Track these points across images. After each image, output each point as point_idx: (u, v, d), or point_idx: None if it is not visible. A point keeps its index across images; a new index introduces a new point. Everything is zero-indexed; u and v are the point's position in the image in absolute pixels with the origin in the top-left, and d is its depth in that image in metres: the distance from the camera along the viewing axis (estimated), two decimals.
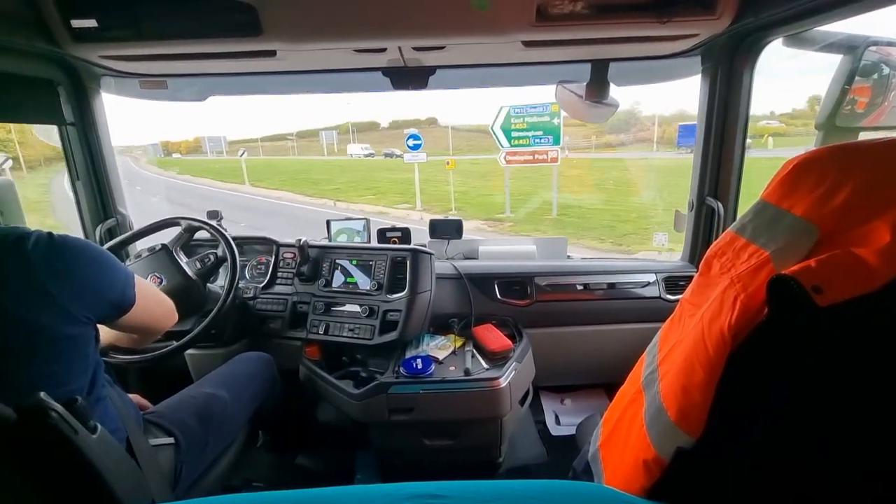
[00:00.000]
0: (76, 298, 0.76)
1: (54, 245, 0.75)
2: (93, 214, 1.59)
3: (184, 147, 51.43)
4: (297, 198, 16.12)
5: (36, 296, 0.72)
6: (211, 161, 35.14)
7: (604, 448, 0.73)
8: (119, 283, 0.86)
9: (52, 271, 0.73)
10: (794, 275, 0.42)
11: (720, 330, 0.49)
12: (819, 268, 0.42)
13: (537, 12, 1.09)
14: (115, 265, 0.86)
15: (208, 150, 38.40)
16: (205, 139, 41.21)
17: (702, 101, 1.48)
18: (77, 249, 0.78)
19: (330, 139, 40.73)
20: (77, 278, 0.77)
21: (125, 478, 0.76)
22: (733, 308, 0.48)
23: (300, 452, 1.58)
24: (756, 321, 0.47)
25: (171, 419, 1.04)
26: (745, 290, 0.48)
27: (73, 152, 1.50)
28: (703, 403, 0.50)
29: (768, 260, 0.49)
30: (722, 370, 0.48)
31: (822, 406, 0.44)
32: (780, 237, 0.49)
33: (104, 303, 0.83)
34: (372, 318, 1.41)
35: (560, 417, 1.79)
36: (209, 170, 26.65)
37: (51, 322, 0.74)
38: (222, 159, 34.08)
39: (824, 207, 0.47)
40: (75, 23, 1.09)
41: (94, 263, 0.81)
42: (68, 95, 1.41)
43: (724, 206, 1.47)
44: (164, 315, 1.06)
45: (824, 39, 1.21)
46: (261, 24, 1.08)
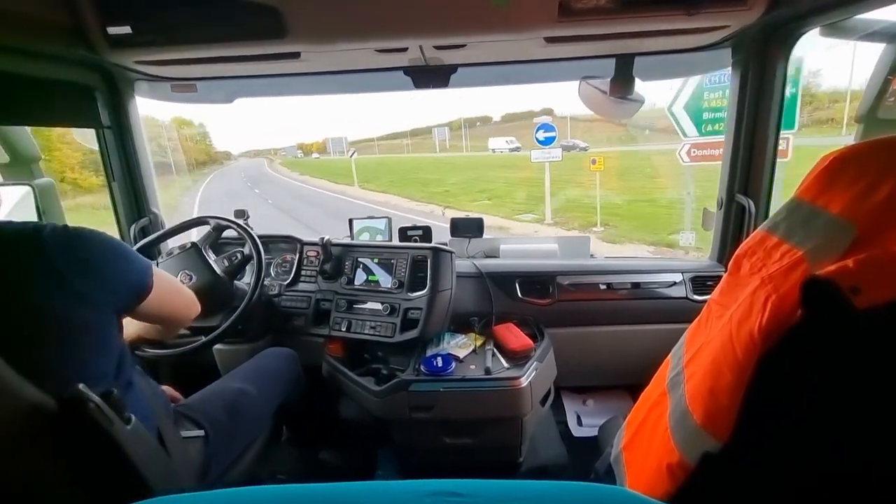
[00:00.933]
0: (94, 285, 0.78)
1: (70, 236, 0.77)
2: (128, 214, 1.65)
3: (314, 147, 54.01)
4: (402, 203, 14.40)
5: (55, 285, 0.74)
6: (330, 161, 35.90)
7: (627, 450, 0.72)
8: (134, 269, 0.87)
9: (69, 261, 0.75)
10: (831, 276, 0.40)
11: (750, 332, 0.47)
12: (857, 268, 0.41)
13: (560, 7, 1.08)
14: (130, 253, 0.88)
15: (332, 150, 39.70)
16: (329, 140, 42.63)
17: (732, 94, 1.43)
18: (92, 239, 0.80)
19: (442, 136, 40.63)
20: (94, 266, 0.79)
21: (156, 467, 0.79)
22: (764, 309, 0.47)
23: (323, 448, 1.61)
24: (788, 323, 0.45)
25: (202, 412, 1.08)
26: (777, 291, 0.47)
27: (110, 155, 1.57)
28: (731, 407, 0.48)
29: (802, 259, 0.47)
30: (751, 373, 0.47)
31: (860, 413, 0.42)
32: (814, 236, 0.47)
33: (122, 288, 0.85)
34: (393, 316, 1.42)
35: (582, 418, 1.76)
36: (328, 170, 26.91)
37: (71, 310, 0.76)
38: (342, 159, 34.47)
39: (862, 205, 0.45)
40: (112, 30, 1.13)
41: (109, 251, 0.83)
42: (105, 100, 1.47)
43: (756, 203, 1.41)
44: (184, 305, 1.08)
45: (865, 28, 1.15)
46: (285, 27, 1.11)
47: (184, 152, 34.09)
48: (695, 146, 4.38)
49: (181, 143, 33.82)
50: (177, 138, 32.36)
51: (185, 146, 35.48)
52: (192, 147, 39.06)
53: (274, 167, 35.58)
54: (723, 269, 1.57)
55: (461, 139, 38.31)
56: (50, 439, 0.64)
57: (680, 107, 4.25)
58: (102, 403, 0.67)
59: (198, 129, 42.10)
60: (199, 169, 36.72)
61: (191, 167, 34.80)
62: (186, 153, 35.28)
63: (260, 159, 54.53)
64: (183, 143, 34.93)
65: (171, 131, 29.22)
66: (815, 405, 0.43)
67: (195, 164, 37.07)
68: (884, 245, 0.42)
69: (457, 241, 1.78)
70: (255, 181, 25.68)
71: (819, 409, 0.43)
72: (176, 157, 29.39)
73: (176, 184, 24.64)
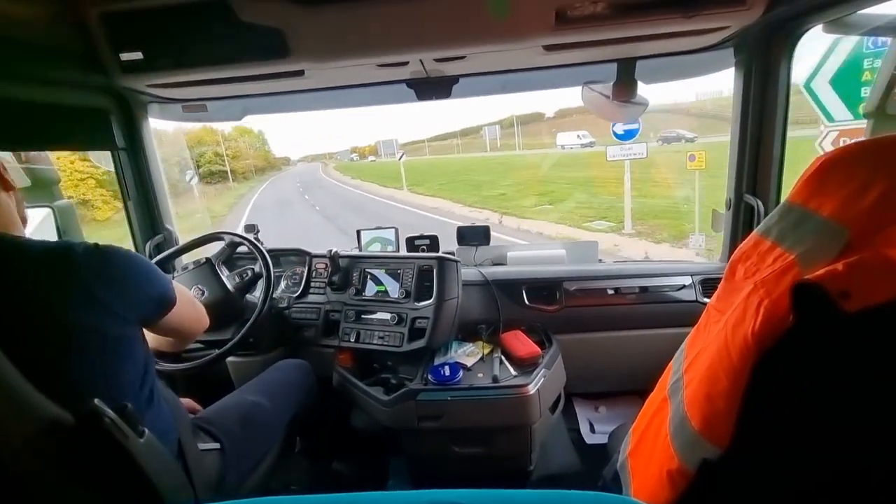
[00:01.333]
0: (122, 299, 0.82)
1: (99, 253, 0.80)
2: (143, 231, 1.70)
3: (367, 151, 55.07)
4: (454, 209, 13.07)
5: (85, 301, 0.77)
6: (381, 165, 35.68)
7: (632, 457, 0.71)
8: (159, 284, 0.92)
9: (98, 276, 0.79)
10: (819, 280, 0.40)
11: (744, 337, 0.47)
12: (847, 271, 0.40)
13: (556, 16, 1.09)
14: (154, 269, 0.92)
15: (382, 153, 39.70)
16: (380, 143, 42.82)
17: (736, 93, 1.41)
18: (119, 256, 0.84)
19: (493, 134, 39.10)
20: (122, 281, 0.83)
21: (171, 480, 0.81)
22: (757, 314, 0.46)
23: (336, 458, 1.62)
24: (782, 328, 0.45)
25: (218, 425, 1.10)
26: (770, 296, 0.46)
27: (125, 175, 1.62)
28: (728, 413, 0.48)
29: (794, 263, 0.47)
30: (747, 378, 0.46)
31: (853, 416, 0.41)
32: (806, 239, 0.47)
33: (147, 302, 0.89)
34: (401, 326, 1.43)
35: (595, 425, 1.74)
36: (378, 173, 26.82)
37: (100, 324, 0.79)
38: (393, 161, 33.84)
39: (854, 207, 0.45)
40: (124, 56, 1.18)
41: (136, 267, 0.87)
42: (119, 122, 1.53)
43: (764, 203, 1.39)
44: (197, 319, 1.12)
45: (870, 22, 1.13)
46: (288, 47, 1.14)
47: (242, 159, 35.32)
48: (846, 133, 2.90)
49: (241, 150, 35.11)
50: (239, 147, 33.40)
51: (244, 153, 36.72)
52: (252, 154, 40.09)
53: (327, 172, 35.82)
54: None
55: (512, 137, 36.27)
56: (67, 454, 0.66)
57: (825, 81, 2.93)
58: (117, 418, 0.69)
59: (258, 136, 43.13)
60: (258, 175, 37.58)
61: (249, 174, 35.79)
62: (245, 160, 36.43)
63: (316, 164, 55.14)
64: (243, 151, 36.19)
65: (229, 140, 30.74)
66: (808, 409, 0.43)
67: (254, 170, 38.07)
68: (876, 247, 0.42)
69: (464, 250, 1.79)
70: (308, 187, 25.68)
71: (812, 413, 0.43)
72: (236, 165, 29.30)
73: (231, 191, 25.48)
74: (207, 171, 28.84)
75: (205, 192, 23.64)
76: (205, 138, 30.14)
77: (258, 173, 38.71)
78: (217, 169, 29.49)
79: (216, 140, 30.50)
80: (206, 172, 28.47)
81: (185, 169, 8.39)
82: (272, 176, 38.73)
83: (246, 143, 38.76)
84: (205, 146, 29.69)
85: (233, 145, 33.78)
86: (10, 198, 0.83)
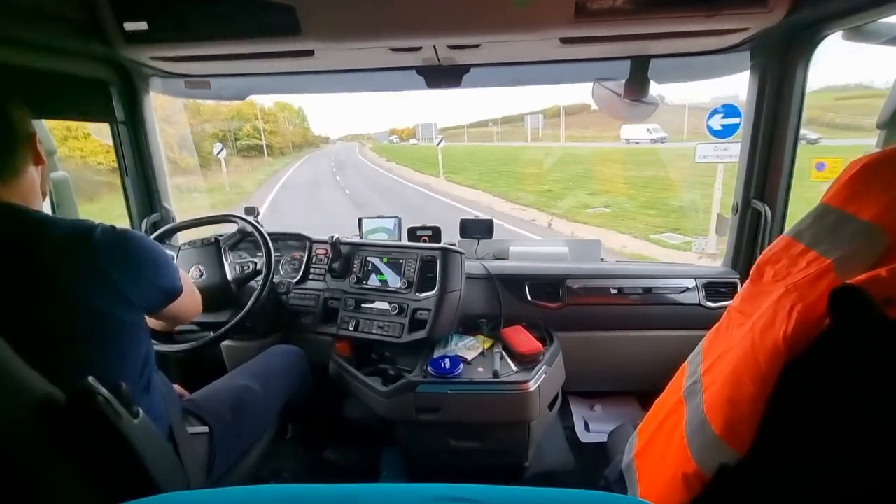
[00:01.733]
0: (135, 285, 0.81)
1: (118, 236, 0.80)
2: (140, 208, 1.67)
3: (405, 133, 53.46)
4: (495, 203, 11.50)
5: (100, 282, 0.76)
6: (417, 149, 34.43)
7: (639, 459, 0.70)
8: (170, 272, 0.91)
9: (115, 260, 0.78)
10: (863, 285, 0.39)
11: (774, 341, 0.46)
12: (891, 277, 0.39)
13: (577, 7, 1.06)
14: (167, 257, 0.91)
15: (420, 136, 38.07)
16: (418, 126, 41.33)
17: (749, 97, 1.40)
18: (137, 240, 0.83)
19: (535, 124, 36.07)
20: (137, 266, 0.82)
21: (163, 462, 0.79)
22: (789, 318, 0.45)
23: (328, 447, 1.60)
24: (815, 333, 0.44)
25: (207, 409, 1.08)
26: (803, 300, 0.45)
27: (123, 149, 1.58)
28: (752, 418, 0.47)
29: (830, 268, 0.45)
30: (774, 384, 0.45)
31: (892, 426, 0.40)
32: (843, 244, 0.46)
33: (158, 290, 0.89)
34: (401, 317, 1.41)
35: (590, 424, 1.74)
36: (415, 158, 25.08)
37: (111, 307, 0.79)
38: (430, 146, 31.67)
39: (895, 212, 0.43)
40: (128, 26, 1.14)
41: (151, 254, 0.86)
42: (120, 95, 1.49)
43: (772, 209, 1.39)
44: (195, 306, 1.11)
45: (890, 32, 1.12)
46: (299, 25, 1.11)
47: (281, 135, 34.72)
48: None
49: (279, 125, 34.68)
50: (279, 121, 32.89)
51: (282, 129, 36.20)
52: (291, 130, 39.45)
53: (363, 152, 35.13)
54: (737, 275, 1.54)
55: (555, 127, 33.41)
56: (59, 432, 0.64)
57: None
58: (111, 396, 0.67)
59: (297, 113, 42.34)
60: (296, 151, 36.86)
61: (287, 149, 35.29)
62: (283, 136, 35.89)
63: (354, 143, 54.12)
64: (281, 126, 35.69)
65: (268, 115, 30.07)
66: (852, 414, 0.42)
67: (292, 146, 37.44)
68: None
69: (466, 242, 1.77)
70: (342, 166, 25.03)
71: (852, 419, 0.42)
72: (273, 140, 28.87)
73: (266, 167, 24.70)
74: (245, 144, 28.17)
75: (239, 166, 23.23)
76: (244, 111, 29.53)
77: (295, 150, 38.07)
78: (254, 143, 29.00)
79: (255, 114, 29.94)
80: (243, 146, 28.17)
81: (186, 143, 8.17)
82: (309, 153, 38.00)
83: (285, 118, 38.20)
84: (244, 119, 29.20)
85: (271, 120, 33.05)
86: (38, 172, 0.82)
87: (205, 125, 24.66)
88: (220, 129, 26.29)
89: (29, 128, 0.80)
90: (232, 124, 26.83)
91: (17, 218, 0.74)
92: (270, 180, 19.06)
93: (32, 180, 0.80)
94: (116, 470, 0.71)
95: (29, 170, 0.79)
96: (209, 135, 24.94)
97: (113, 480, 0.71)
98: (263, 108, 32.92)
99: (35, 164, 0.80)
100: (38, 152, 0.80)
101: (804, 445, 0.45)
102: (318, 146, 47.55)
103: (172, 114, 5.23)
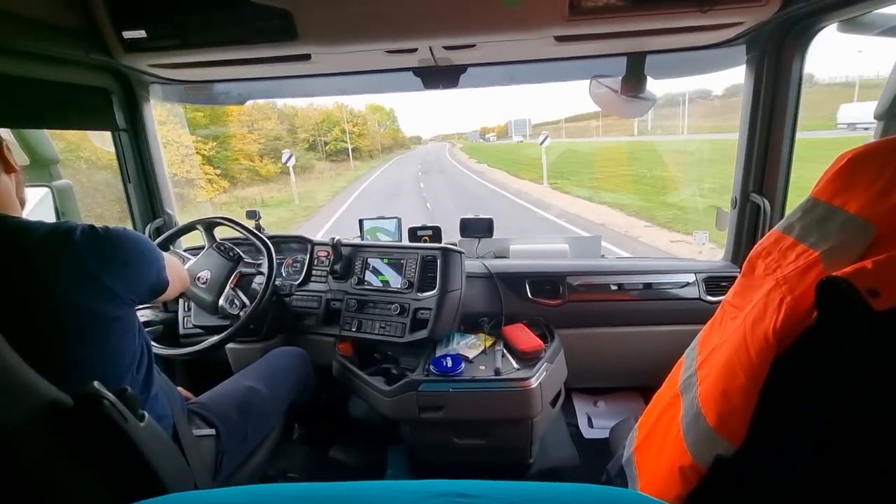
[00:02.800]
0: (121, 280, 0.81)
1: (98, 234, 0.79)
2: (143, 214, 1.68)
3: (496, 131, 50.87)
4: (636, 226, 7.94)
5: (86, 281, 0.76)
6: (510, 148, 31.05)
7: (638, 453, 0.71)
8: (156, 266, 0.91)
9: (98, 257, 0.78)
10: (848, 276, 0.39)
11: (764, 333, 0.46)
12: (876, 269, 0.39)
13: (570, 6, 1.07)
14: (151, 251, 0.90)
15: (513, 134, 35.15)
16: (511, 123, 37.83)
17: (746, 91, 1.40)
18: (119, 236, 0.83)
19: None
20: (121, 262, 0.82)
21: (170, 464, 0.81)
22: (779, 311, 0.46)
23: (334, 446, 1.62)
24: (804, 325, 0.44)
25: (214, 411, 1.09)
26: (792, 293, 0.46)
27: (125, 157, 1.60)
28: (745, 410, 0.47)
29: (818, 260, 0.46)
30: (765, 375, 0.46)
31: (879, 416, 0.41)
32: (831, 236, 0.46)
33: (144, 285, 0.88)
34: (403, 316, 1.42)
35: (593, 420, 1.75)
36: (508, 158, 22.87)
37: (99, 305, 0.78)
38: (522, 144, 29.60)
39: (882, 204, 0.44)
40: (127, 34, 1.16)
41: (136, 248, 0.85)
42: (120, 103, 1.50)
43: (771, 203, 1.39)
44: (182, 286, 1.13)
45: (885, 23, 1.12)
46: (296, 29, 1.12)
47: (369, 137, 34.35)
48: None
49: (368, 128, 34.19)
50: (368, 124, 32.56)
51: (371, 131, 35.68)
52: (381, 132, 38.79)
53: (453, 153, 33.48)
54: (737, 269, 1.54)
55: (666, 119, 26.92)
56: (66, 436, 0.65)
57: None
58: (117, 401, 0.68)
59: (388, 114, 41.32)
60: (384, 154, 36.05)
61: (376, 152, 35.00)
62: (372, 138, 35.47)
63: (444, 143, 52.55)
64: (370, 128, 35.22)
65: (357, 118, 29.91)
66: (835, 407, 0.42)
67: (381, 149, 36.99)
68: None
69: (466, 242, 1.78)
70: (428, 170, 22.99)
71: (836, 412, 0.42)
72: (361, 143, 29.04)
73: (350, 173, 23.76)
74: (334, 148, 28.72)
75: (322, 172, 23.32)
76: (334, 115, 29.62)
77: (384, 152, 37.24)
78: (343, 147, 29.59)
79: (338, 117, 30.11)
80: (332, 150, 28.76)
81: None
82: (399, 155, 36.18)
83: (376, 120, 37.53)
84: (333, 123, 29.19)
85: (360, 123, 32.73)
86: (11, 180, 0.81)
87: (298, 132, 25.07)
88: (311, 134, 26.58)
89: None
90: (320, 128, 27.34)
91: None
92: (349, 188, 17.75)
93: (5, 189, 0.79)
94: (124, 472, 0.73)
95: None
96: (301, 140, 24.88)
97: (120, 483, 0.73)
98: (353, 110, 32.35)
99: (6, 171, 0.79)
100: (7, 161, 0.79)
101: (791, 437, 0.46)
102: (409, 147, 45.73)
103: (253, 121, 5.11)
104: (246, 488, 0.40)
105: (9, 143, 0.81)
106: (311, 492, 0.39)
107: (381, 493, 0.41)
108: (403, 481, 0.43)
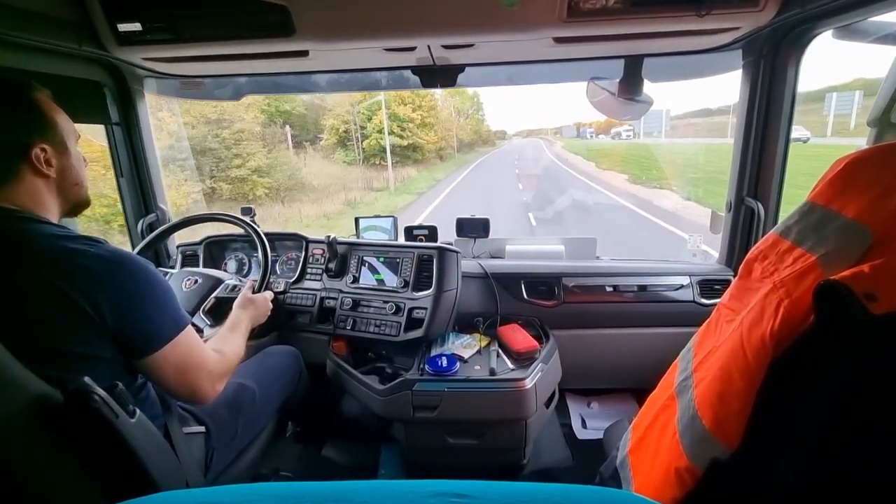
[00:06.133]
0: (120, 317, 0.77)
1: (113, 261, 0.78)
2: (135, 210, 1.66)
3: (594, 125, 41.47)
4: None
5: (86, 305, 0.74)
6: (633, 146, 24.55)
7: (633, 454, 0.71)
8: (157, 318, 0.82)
9: (102, 289, 0.75)
10: (846, 281, 0.40)
11: (761, 337, 0.46)
12: (873, 274, 0.40)
13: (568, 8, 1.07)
14: (165, 300, 0.84)
15: (641, 129, 26.21)
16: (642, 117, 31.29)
17: (742, 96, 1.41)
18: (132, 268, 0.79)
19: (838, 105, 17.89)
20: (126, 300, 0.78)
21: (161, 461, 0.80)
22: (776, 314, 0.46)
23: (327, 444, 1.61)
24: (801, 329, 0.45)
25: (204, 408, 1.08)
26: (789, 296, 0.46)
27: (118, 151, 1.58)
28: (741, 413, 0.48)
29: (815, 265, 0.46)
30: (762, 379, 0.46)
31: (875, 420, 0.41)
32: (828, 240, 0.47)
33: (130, 329, 0.79)
34: (398, 315, 1.42)
35: (587, 421, 1.75)
36: (621, 159, 18.51)
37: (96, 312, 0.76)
38: (644, 143, 22.55)
39: (879, 209, 0.44)
40: (121, 27, 1.14)
41: (142, 286, 0.81)
42: (114, 96, 1.48)
43: (765, 207, 1.40)
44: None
45: (879, 30, 1.13)
46: (293, 25, 1.11)
47: (442, 129, 23.77)
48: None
49: (439, 115, 22.47)
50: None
51: (444, 121, 25.13)
52: (463, 124, 28.95)
53: (554, 151, 26.06)
54: (731, 272, 1.55)
55: (815, 113, 17.48)
56: (56, 432, 0.64)
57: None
58: (107, 396, 0.67)
59: (471, 99, 30.25)
60: (462, 154, 26.37)
61: (446, 152, 24.71)
62: (445, 130, 25.10)
63: (531, 140, 42.92)
64: (442, 117, 24.07)
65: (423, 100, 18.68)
66: (828, 411, 0.43)
67: (457, 145, 26.73)
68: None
69: (462, 241, 1.78)
70: (524, 174, 17.56)
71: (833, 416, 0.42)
72: (425, 138, 19.90)
73: (408, 184, 16.27)
74: (376, 145, 17.63)
75: (343, 188, 14.40)
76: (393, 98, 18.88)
77: (462, 150, 26.91)
78: (394, 143, 18.30)
79: (400, 98, 19.09)
80: (372, 148, 17.81)
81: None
82: (484, 153, 28.71)
83: (455, 108, 27.35)
84: (378, 105, 18.10)
85: (426, 107, 20.88)
86: (48, 184, 0.81)
87: (324, 115, 16.45)
88: (344, 121, 17.23)
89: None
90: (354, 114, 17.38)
91: (8, 221, 0.74)
92: (424, 197, 12.28)
93: (37, 191, 0.79)
94: (114, 468, 0.72)
95: (27, 176, 0.77)
96: (329, 128, 17.03)
97: (111, 479, 0.72)
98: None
99: (38, 176, 0.78)
100: (36, 167, 0.78)
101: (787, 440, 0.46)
102: (494, 143, 36.49)
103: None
104: (237, 487, 0.39)
105: (53, 152, 0.80)
106: (303, 491, 0.39)
107: (376, 492, 0.40)
108: (398, 481, 0.42)
